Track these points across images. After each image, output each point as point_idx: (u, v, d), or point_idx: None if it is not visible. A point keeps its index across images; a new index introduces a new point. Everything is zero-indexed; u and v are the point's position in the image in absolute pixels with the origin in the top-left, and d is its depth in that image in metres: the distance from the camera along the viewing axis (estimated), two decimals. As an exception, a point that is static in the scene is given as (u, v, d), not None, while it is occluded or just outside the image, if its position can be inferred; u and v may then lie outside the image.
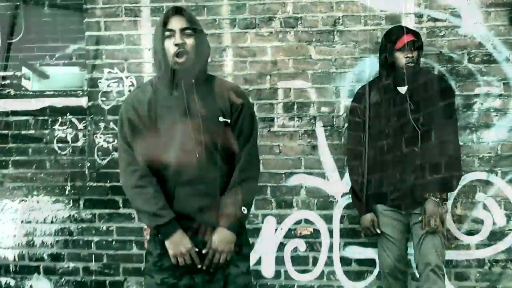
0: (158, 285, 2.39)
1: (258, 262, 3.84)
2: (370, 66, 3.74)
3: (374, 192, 3.38)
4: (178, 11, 2.36)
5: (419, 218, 3.26)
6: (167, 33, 2.33)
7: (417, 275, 3.41)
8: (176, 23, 2.33)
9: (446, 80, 3.58)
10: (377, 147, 3.38)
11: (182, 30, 2.33)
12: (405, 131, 3.30)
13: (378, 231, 3.35)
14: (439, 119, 3.30)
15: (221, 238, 2.36)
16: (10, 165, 4.02)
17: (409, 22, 3.70)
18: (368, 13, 3.74)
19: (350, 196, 3.60)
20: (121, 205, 3.91)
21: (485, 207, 3.70)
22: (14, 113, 3.99)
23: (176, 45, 2.31)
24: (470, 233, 3.72)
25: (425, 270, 3.25)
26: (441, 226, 3.25)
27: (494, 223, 3.70)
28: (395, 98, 3.35)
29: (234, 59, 3.82)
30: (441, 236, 3.29)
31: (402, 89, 3.35)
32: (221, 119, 2.39)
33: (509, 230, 3.70)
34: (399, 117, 3.32)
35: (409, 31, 3.36)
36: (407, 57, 3.29)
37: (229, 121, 2.41)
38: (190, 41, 2.34)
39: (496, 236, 3.70)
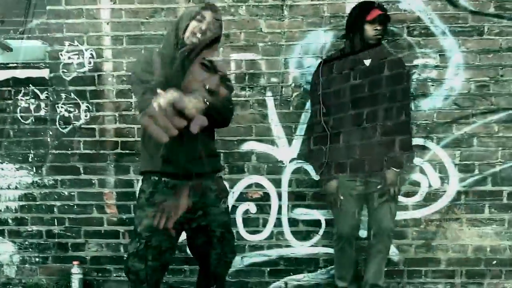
0: (148, 217, 2.76)
1: (212, 224, 4.04)
2: (316, 39, 3.95)
3: (335, 162, 3.51)
4: (213, 8, 2.71)
5: (378, 187, 3.50)
6: (198, 17, 2.65)
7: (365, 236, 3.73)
8: (209, 15, 2.67)
9: (404, 63, 3.68)
10: (340, 118, 3.49)
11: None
12: (368, 104, 3.43)
13: (342, 198, 3.52)
14: (399, 96, 3.50)
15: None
16: (-25, 134, 4.18)
17: (353, -2, 3.91)
18: (314, -11, 3.95)
19: (314, 166, 3.81)
20: (82, 172, 4.11)
21: (421, 170, 3.97)
22: (-21, 84, 4.14)
23: (201, 28, 2.65)
24: (408, 195, 3.99)
25: (381, 233, 3.53)
26: (397, 194, 3.53)
27: (429, 186, 3.97)
28: (361, 70, 3.48)
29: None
30: (396, 203, 3.56)
31: (367, 62, 3.50)
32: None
33: (443, 192, 3.97)
34: (363, 89, 3.45)
35: (379, 6, 3.51)
36: (375, 29, 3.44)
37: None
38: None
39: (431, 197, 3.98)
